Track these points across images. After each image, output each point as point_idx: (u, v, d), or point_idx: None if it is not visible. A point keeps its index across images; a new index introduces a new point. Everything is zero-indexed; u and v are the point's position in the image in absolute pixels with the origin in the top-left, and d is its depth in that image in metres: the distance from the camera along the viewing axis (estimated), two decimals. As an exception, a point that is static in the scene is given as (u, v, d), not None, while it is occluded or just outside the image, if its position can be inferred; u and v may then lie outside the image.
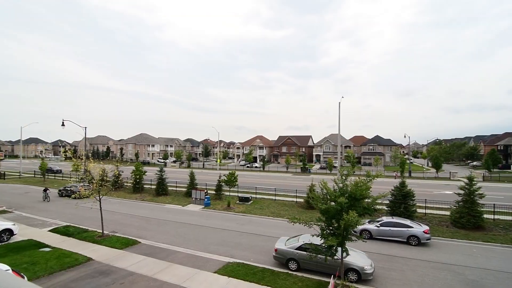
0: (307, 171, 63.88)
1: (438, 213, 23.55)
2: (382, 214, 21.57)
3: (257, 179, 50.25)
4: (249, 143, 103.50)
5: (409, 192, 21.82)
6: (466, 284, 12.20)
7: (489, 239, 17.95)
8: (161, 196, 32.49)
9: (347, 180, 11.86)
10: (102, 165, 19.14)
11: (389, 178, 47.76)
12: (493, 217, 21.69)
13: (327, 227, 11.47)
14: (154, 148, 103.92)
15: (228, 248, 16.35)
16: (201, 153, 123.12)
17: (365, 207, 11.25)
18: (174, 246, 16.66)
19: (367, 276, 12.11)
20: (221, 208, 26.64)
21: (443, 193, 34.09)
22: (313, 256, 11.98)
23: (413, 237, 17.05)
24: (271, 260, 14.37)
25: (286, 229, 18.19)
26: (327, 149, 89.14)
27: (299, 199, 28.79)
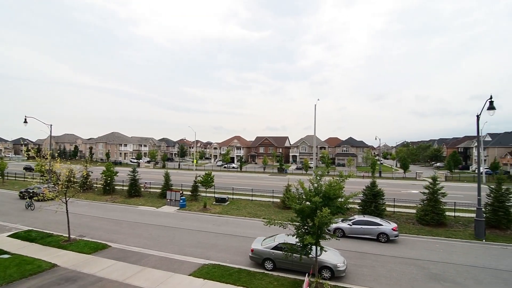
0: (284, 171, 64.75)
1: (406, 211, 24.92)
2: (354, 212, 22.41)
3: (234, 179, 50.07)
4: (227, 143, 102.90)
5: (379, 191, 22.90)
6: (430, 277, 13.02)
7: (450, 235, 19.30)
8: (133, 197, 31.30)
9: (322, 180, 12.19)
10: (69, 165, 18.06)
11: (361, 178, 49.78)
12: (454, 215, 23.35)
13: (302, 226, 11.71)
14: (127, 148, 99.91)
15: (204, 250, 16.12)
16: (176, 153, 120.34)
17: (339, 206, 11.62)
18: (147, 249, 16.11)
19: (340, 273, 12.51)
20: (197, 209, 26.22)
21: (410, 192, 36.16)
22: (288, 255, 12.17)
23: (382, 235, 17.90)
24: (247, 260, 14.38)
25: (263, 229, 18.29)
26: (303, 150, 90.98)
27: (276, 199, 29.10)
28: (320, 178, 12.22)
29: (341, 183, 11.71)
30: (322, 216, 10.11)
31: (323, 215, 10.09)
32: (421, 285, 12.27)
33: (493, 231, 19.72)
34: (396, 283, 12.39)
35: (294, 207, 11.44)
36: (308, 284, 10.77)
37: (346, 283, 12.20)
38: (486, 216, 19.93)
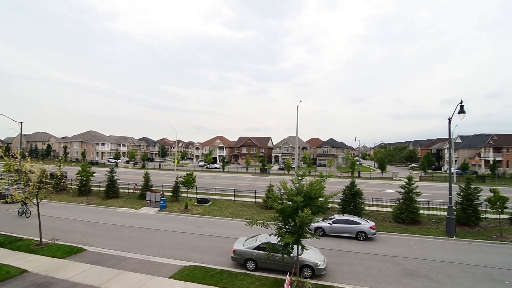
0: (266, 171, 65.07)
1: (383, 210, 25.84)
2: (335, 212, 22.93)
3: (216, 180, 49.68)
4: (209, 143, 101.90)
5: (358, 191, 23.60)
6: (405, 273, 13.59)
7: (424, 232, 20.24)
8: (111, 199, 30.22)
9: (303, 180, 12.38)
10: (41, 165, 17.13)
11: (341, 178, 51.03)
12: (428, 213, 24.50)
13: (284, 226, 11.82)
14: (104, 147, 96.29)
15: (185, 252, 15.86)
16: (157, 153, 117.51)
17: (319, 206, 11.85)
18: (126, 252, 15.61)
19: (320, 271, 12.76)
20: (178, 211, 25.75)
21: (387, 191, 37.55)
22: (270, 255, 12.24)
23: (361, 233, 18.45)
24: (229, 261, 14.31)
25: (245, 229, 18.27)
26: (285, 151, 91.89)
27: (258, 200, 29.18)
28: (302, 178, 12.39)
29: (322, 183, 11.94)
30: (303, 216, 10.26)
31: (304, 215, 10.24)
32: (396, 281, 12.77)
33: (463, 228, 20.89)
34: (373, 280, 12.82)
35: (276, 207, 11.53)
36: (290, 283, 10.90)
37: (326, 281, 12.45)
38: (457, 214, 21.08)
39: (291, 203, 11.53)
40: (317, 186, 11.67)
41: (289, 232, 11.52)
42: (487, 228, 20.92)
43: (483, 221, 21.91)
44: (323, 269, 12.79)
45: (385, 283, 12.53)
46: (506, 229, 20.47)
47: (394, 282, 12.61)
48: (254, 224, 11.79)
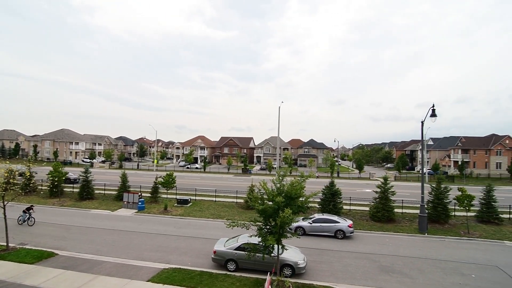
0: (248, 172, 65.09)
1: (360, 209, 26.68)
2: (314, 211, 23.36)
3: (197, 180, 49.00)
4: (190, 143, 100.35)
5: (337, 191, 24.22)
6: (381, 269, 14.11)
7: (398, 229, 21.11)
8: (85, 200, 28.94)
9: (284, 181, 12.51)
10: (7, 164, 16.07)
11: (321, 178, 52.11)
12: (402, 211, 25.60)
13: (265, 226, 11.88)
14: (79, 146, 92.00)
15: (163, 254, 15.50)
16: (135, 152, 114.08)
17: (300, 206, 12.02)
18: (101, 255, 15.01)
19: (300, 270, 12.95)
20: (157, 212, 25.13)
21: (364, 191, 38.86)
22: (251, 255, 12.25)
23: (339, 231, 18.94)
24: (210, 262, 14.17)
25: (226, 230, 18.12)
26: (267, 151, 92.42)
27: (240, 200, 29.11)
28: (283, 178, 12.52)
29: (302, 183, 12.12)
30: (284, 216, 10.37)
31: (285, 215, 10.35)
32: (373, 277, 13.23)
33: (434, 225, 22.02)
34: (351, 277, 13.20)
35: (257, 208, 11.55)
36: (270, 283, 10.96)
37: (306, 280, 12.66)
38: (428, 212, 22.18)
39: (272, 203, 11.61)
40: (297, 186, 11.83)
41: (270, 232, 11.59)
42: (456, 225, 22.19)
43: (452, 219, 23.21)
44: (303, 268, 12.99)
45: (362, 280, 12.93)
46: (472, 225, 21.81)
47: (371, 279, 13.06)
48: (235, 225, 11.75)
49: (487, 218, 22.83)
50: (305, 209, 12.59)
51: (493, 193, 23.31)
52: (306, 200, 12.26)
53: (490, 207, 22.97)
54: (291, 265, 12.88)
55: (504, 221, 22.96)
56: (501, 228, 21.71)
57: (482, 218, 23.09)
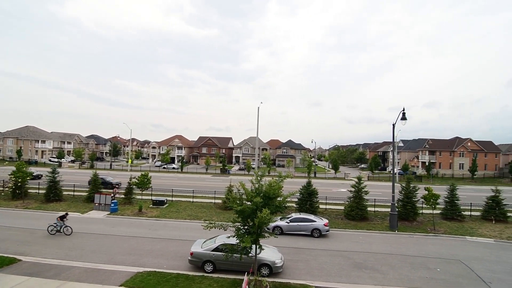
0: (227, 172, 64.71)
1: (336, 208, 27.49)
2: (292, 211, 23.73)
3: (174, 180, 47.89)
4: (167, 142, 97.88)
5: (314, 190, 24.80)
6: (354, 266, 14.63)
7: (371, 227, 22.01)
8: (53, 202, 27.23)
9: (263, 181, 12.59)
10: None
11: (298, 178, 53.01)
12: (374, 210, 26.72)
13: (243, 226, 11.88)
14: (45, 145, 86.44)
15: (138, 257, 14.98)
16: (108, 152, 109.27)
17: (277, 205, 12.14)
18: (70, 260, 14.20)
19: (277, 269, 13.09)
20: (131, 214, 24.25)
21: (340, 190, 40.11)
22: (229, 256, 12.18)
23: (316, 230, 19.39)
24: (186, 264, 13.90)
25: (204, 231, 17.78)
26: (246, 151, 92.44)
27: (218, 201, 28.86)
28: (261, 178, 12.58)
29: (280, 183, 12.26)
30: (262, 216, 10.42)
31: (263, 215, 10.41)
32: (347, 274, 13.68)
33: (403, 222, 23.20)
34: (326, 274, 13.56)
35: (235, 208, 11.52)
36: (247, 283, 10.97)
37: (283, 278, 12.82)
38: (398, 211, 23.34)
39: (250, 203, 11.63)
40: (275, 186, 11.94)
41: (248, 232, 11.60)
42: (423, 222, 23.54)
43: (420, 216, 24.61)
44: (280, 267, 13.14)
45: (337, 277, 13.34)
46: (438, 222, 23.25)
47: (345, 275, 13.50)
48: (213, 227, 11.63)
49: (451, 216, 24.46)
50: (283, 209, 12.75)
51: (456, 192, 25.01)
52: (284, 200, 12.42)
53: (454, 205, 24.62)
54: (269, 265, 12.98)
55: (465, 218, 24.71)
56: (463, 224, 23.35)
57: (446, 215, 24.70)
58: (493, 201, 24.66)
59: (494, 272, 14.16)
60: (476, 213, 25.96)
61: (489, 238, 19.98)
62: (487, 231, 21.61)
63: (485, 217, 24.73)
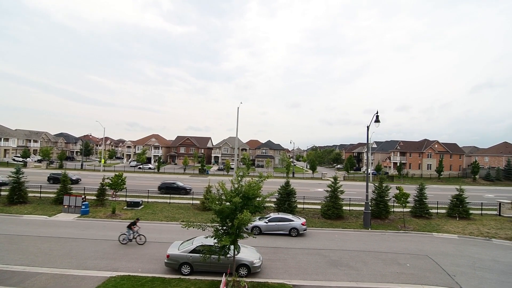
0: (205, 172, 63.88)
1: (313, 207, 28.09)
2: (270, 210, 23.93)
3: (150, 181, 46.47)
4: (143, 142, 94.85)
5: (292, 190, 25.18)
6: (330, 264, 15.03)
7: (346, 226, 22.73)
8: (17, 205, 25.40)
9: (242, 181, 12.57)
10: None
11: (277, 178, 53.54)
12: (349, 209, 27.62)
13: (222, 227, 11.79)
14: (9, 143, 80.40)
15: (110, 261, 14.37)
16: (79, 151, 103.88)
17: (257, 206, 12.19)
18: (35, 266, 13.32)
19: (256, 269, 13.12)
20: (103, 216, 23.21)
21: (317, 190, 41.04)
22: (207, 257, 12.03)
23: (293, 229, 19.70)
24: (162, 267, 13.54)
25: (181, 233, 17.59)
26: (225, 151, 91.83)
27: (196, 201, 28.41)
28: (241, 178, 12.57)
29: (259, 183, 12.31)
30: (241, 217, 10.41)
31: (243, 217, 10.40)
32: (323, 271, 14.03)
33: (376, 220, 24.20)
34: (303, 272, 13.80)
35: (214, 208, 11.41)
36: (225, 284, 10.90)
37: (261, 278, 12.88)
38: (372, 209, 24.30)
39: (229, 204, 11.57)
40: (255, 187, 11.97)
41: (226, 233, 11.54)
42: (395, 220, 24.69)
43: (391, 214, 25.79)
44: (258, 266, 13.19)
45: (313, 274, 13.63)
46: (408, 220, 24.49)
47: (321, 273, 13.83)
48: (190, 226, 11.45)
49: (420, 213, 25.87)
50: (261, 209, 12.82)
51: (424, 192, 26.50)
52: (263, 200, 12.48)
53: (422, 203, 26.07)
54: (247, 265, 12.98)
55: (433, 216, 26.24)
56: (431, 221, 24.78)
57: (415, 213, 26.09)
58: (457, 200, 26.41)
59: (457, 266, 15.17)
60: (442, 211, 27.67)
61: (453, 234, 21.37)
62: (451, 227, 23.09)
63: (450, 215, 26.43)
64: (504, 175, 64.50)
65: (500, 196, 38.55)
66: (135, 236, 17.03)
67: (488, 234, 21.38)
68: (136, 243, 16.91)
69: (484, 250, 17.97)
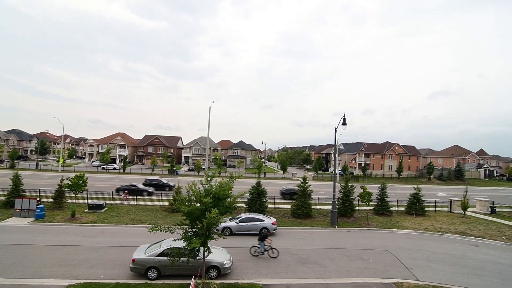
0: (175, 173, 62.09)
1: (283, 207, 28.60)
2: (241, 211, 23.92)
3: (115, 182, 44.00)
4: (107, 140, 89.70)
5: (263, 190, 25.42)
6: (299, 262, 15.41)
7: (314, 224, 23.47)
8: (-44, 209, 22.62)
9: (213, 181, 12.42)
10: None
11: (248, 178, 53.69)
12: (318, 208, 28.55)
13: (191, 228, 11.54)
14: None
15: (69, 268, 13.38)
16: (34, 150, 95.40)
17: (227, 206, 12.11)
18: (-22, 278, 11.97)
19: (226, 270, 13.04)
20: (61, 220, 21.56)
21: (287, 190, 41.71)
22: (175, 260, 11.68)
23: (264, 229, 19.85)
24: (127, 273, 12.90)
25: (148, 236, 16.85)
26: (196, 151, 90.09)
27: (164, 203, 27.50)
28: (211, 179, 12.42)
29: (230, 184, 12.25)
30: (211, 217, 10.28)
31: (212, 216, 10.28)
32: (292, 269, 14.34)
33: (342, 219, 25.28)
34: (273, 271, 13.99)
35: (183, 210, 11.14)
36: (195, 286, 10.70)
37: (231, 279, 12.82)
38: (338, 208, 25.36)
39: (199, 204, 11.37)
40: (226, 187, 11.90)
41: (196, 234, 11.32)
42: (359, 218, 26.00)
43: (356, 212, 27.11)
44: (228, 267, 13.12)
45: (283, 273, 13.87)
46: (371, 217, 25.92)
47: (290, 271, 14.12)
48: (158, 229, 11.04)
49: (382, 211, 27.53)
50: (232, 209, 12.76)
51: (386, 191, 28.25)
52: (233, 201, 12.43)
53: (384, 202, 27.77)
54: (217, 266, 12.85)
55: (393, 213, 28.06)
56: (391, 218, 26.48)
57: (378, 211, 27.72)
58: (414, 198, 28.55)
59: (414, 259, 16.38)
60: (402, 209, 29.70)
61: (411, 230, 23.04)
62: (409, 223, 24.88)
63: (408, 212, 28.48)
64: (455, 175, 71.11)
65: (451, 194, 42.44)
66: (267, 249, 16.11)
67: (441, 229, 23.38)
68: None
69: (437, 244, 19.61)
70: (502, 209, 32.55)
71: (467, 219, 27.40)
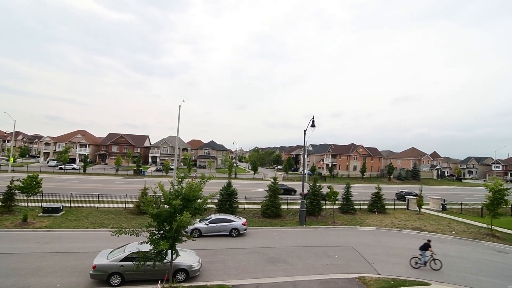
0: (142, 173, 59.54)
1: (254, 207, 28.77)
2: (212, 212, 23.64)
3: (74, 183, 41.14)
4: (66, 138, 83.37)
5: (234, 191, 25.39)
6: (268, 261, 15.61)
7: (283, 224, 23.93)
8: None
9: (183, 182, 12.13)
10: None
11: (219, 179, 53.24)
12: (287, 207, 29.15)
13: (158, 231, 11.16)
14: None
15: (20, 278, 12.21)
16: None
17: (197, 208, 11.90)
18: None
19: (194, 273, 12.79)
20: (11, 225, 19.60)
21: (258, 190, 42.23)
22: (140, 264, 11.18)
23: (234, 230, 19.85)
24: (87, 280, 12.11)
25: (111, 241, 15.92)
26: (164, 151, 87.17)
27: (130, 205, 26.22)
28: (182, 180, 12.12)
29: (201, 185, 12.06)
30: (182, 220, 10.03)
31: (183, 219, 10.03)
32: (262, 269, 14.49)
33: (310, 217, 26.09)
34: (243, 272, 14.03)
35: (150, 212, 10.72)
36: (162, 291, 10.35)
37: (200, 282, 12.62)
38: (307, 207, 26.12)
39: (167, 206, 11.03)
40: (196, 188, 11.69)
41: (163, 237, 10.96)
42: (326, 216, 27.02)
43: (324, 211, 28.15)
44: (197, 270, 12.89)
45: (253, 273, 13.96)
46: (337, 216, 27.07)
47: (260, 271, 14.26)
48: (122, 233, 10.50)
49: (347, 209, 28.90)
50: (202, 211, 12.56)
51: (350, 190, 29.71)
52: (204, 202, 12.25)
53: (349, 200, 29.17)
54: (185, 269, 12.56)
55: (357, 211, 29.58)
56: (355, 216, 27.89)
57: (343, 209, 29.04)
58: (376, 197, 30.36)
59: (376, 255, 17.43)
60: (364, 207, 31.41)
61: (373, 227, 24.47)
62: (371, 221, 26.41)
63: (371, 210, 30.21)
64: (412, 175, 76.95)
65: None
66: (429, 259, 14.98)
67: (399, 226, 25.14)
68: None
69: (396, 240, 21.07)
70: (452, 206, 35.84)
71: (422, 216, 29.77)
